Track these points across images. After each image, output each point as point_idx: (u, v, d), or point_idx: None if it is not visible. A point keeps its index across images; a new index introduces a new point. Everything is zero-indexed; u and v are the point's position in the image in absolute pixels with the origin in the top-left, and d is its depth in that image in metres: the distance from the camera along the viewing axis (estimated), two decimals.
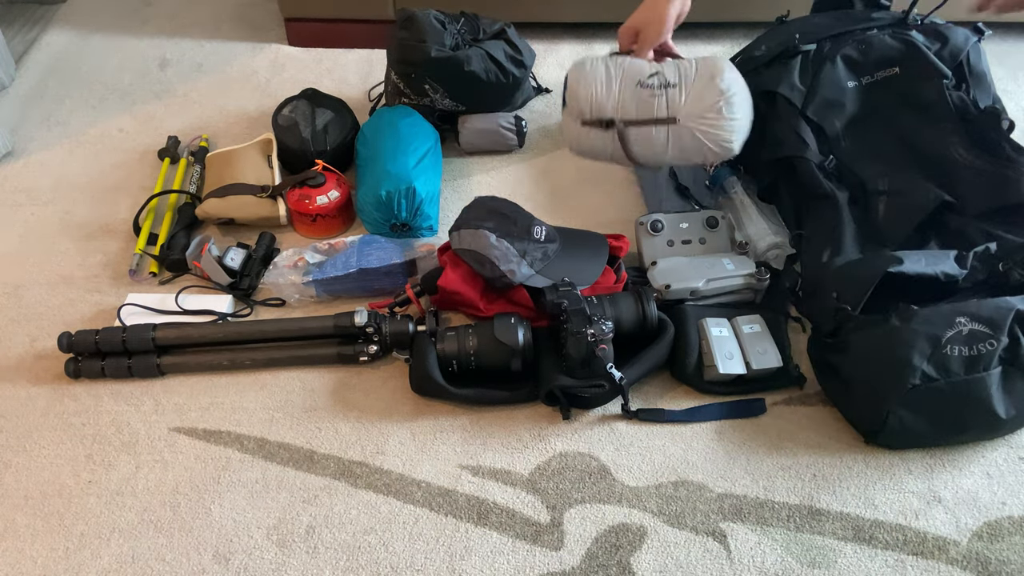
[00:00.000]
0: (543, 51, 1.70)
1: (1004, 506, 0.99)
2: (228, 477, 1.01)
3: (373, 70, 1.67)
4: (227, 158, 1.36)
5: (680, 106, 1.08)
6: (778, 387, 1.10)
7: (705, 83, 1.07)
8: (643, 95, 1.08)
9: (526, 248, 1.13)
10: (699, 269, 1.16)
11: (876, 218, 1.20)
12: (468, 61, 1.36)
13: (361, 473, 1.02)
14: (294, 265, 1.20)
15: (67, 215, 1.36)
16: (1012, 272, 1.04)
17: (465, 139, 1.45)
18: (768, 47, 1.30)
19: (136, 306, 1.17)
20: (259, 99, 1.60)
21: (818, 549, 0.94)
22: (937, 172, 1.21)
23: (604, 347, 1.01)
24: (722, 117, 1.08)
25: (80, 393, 1.10)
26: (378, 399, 1.10)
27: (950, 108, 1.22)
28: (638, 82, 1.09)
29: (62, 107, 1.59)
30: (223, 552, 0.94)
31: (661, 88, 1.07)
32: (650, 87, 1.08)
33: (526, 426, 1.07)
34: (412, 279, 1.19)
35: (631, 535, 0.96)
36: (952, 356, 0.95)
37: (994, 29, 1.37)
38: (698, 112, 1.07)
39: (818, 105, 1.24)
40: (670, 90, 1.07)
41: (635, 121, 1.10)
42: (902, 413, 0.97)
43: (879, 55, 1.24)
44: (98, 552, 0.94)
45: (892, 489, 1.00)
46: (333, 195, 1.28)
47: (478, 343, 1.06)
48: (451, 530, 0.96)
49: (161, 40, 1.78)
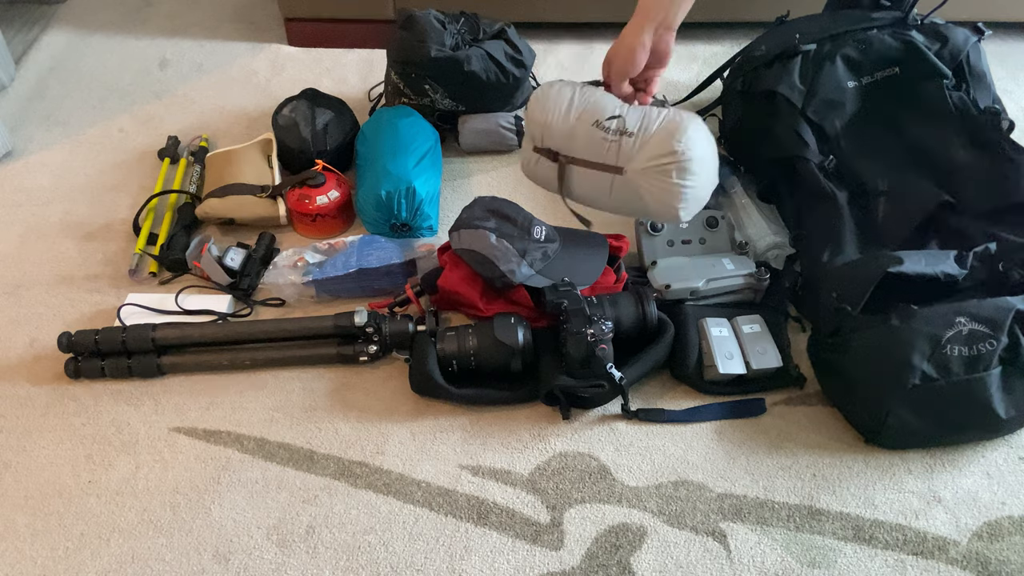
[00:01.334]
0: (543, 51, 1.70)
1: (1004, 506, 0.99)
2: (228, 477, 1.01)
3: (373, 70, 1.67)
4: (227, 158, 1.36)
5: (630, 158, 0.98)
6: (778, 387, 1.10)
7: (661, 140, 0.96)
8: (596, 136, 0.99)
9: (526, 248, 1.13)
10: (699, 269, 1.16)
11: (876, 218, 1.20)
12: (468, 61, 1.36)
13: (361, 473, 1.02)
14: (294, 265, 1.20)
15: (67, 215, 1.36)
16: (1012, 272, 1.04)
17: (465, 139, 1.45)
18: (768, 47, 1.30)
19: (136, 306, 1.17)
20: (259, 99, 1.60)
21: (818, 549, 0.94)
22: (937, 172, 1.21)
23: (604, 347, 1.01)
24: (670, 181, 0.96)
25: (80, 393, 1.10)
26: (378, 399, 1.10)
27: (950, 108, 1.22)
28: (596, 121, 0.99)
29: (62, 107, 1.59)
30: (223, 552, 0.94)
31: (616, 134, 0.98)
32: (605, 129, 0.98)
33: (526, 426, 1.07)
34: (412, 279, 1.19)
35: (631, 535, 0.96)
36: (952, 356, 0.95)
37: (994, 29, 1.37)
38: (647, 169, 0.97)
39: (818, 105, 1.24)
40: (625, 138, 0.97)
41: (581, 161, 1.01)
42: (902, 413, 0.97)
43: (879, 55, 1.24)
44: (98, 552, 0.94)
45: (892, 489, 1.00)
46: (333, 195, 1.28)
47: (478, 343, 1.06)
48: (451, 530, 0.96)
49: (161, 40, 1.78)
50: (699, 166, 0.97)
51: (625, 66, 0.98)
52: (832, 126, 1.25)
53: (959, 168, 1.19)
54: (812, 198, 1.22)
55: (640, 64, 0.98)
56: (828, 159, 1.23)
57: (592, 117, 0.99)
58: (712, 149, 1.00)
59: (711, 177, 1.00)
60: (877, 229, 1.19)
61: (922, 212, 1.17)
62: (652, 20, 0.95)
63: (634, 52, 0.97)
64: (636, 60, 0.97)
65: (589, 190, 1.04)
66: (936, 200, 1.17)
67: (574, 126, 1.00)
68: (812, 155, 1.22)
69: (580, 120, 1.00)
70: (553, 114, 1.02)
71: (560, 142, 1.02)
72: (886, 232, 1.18)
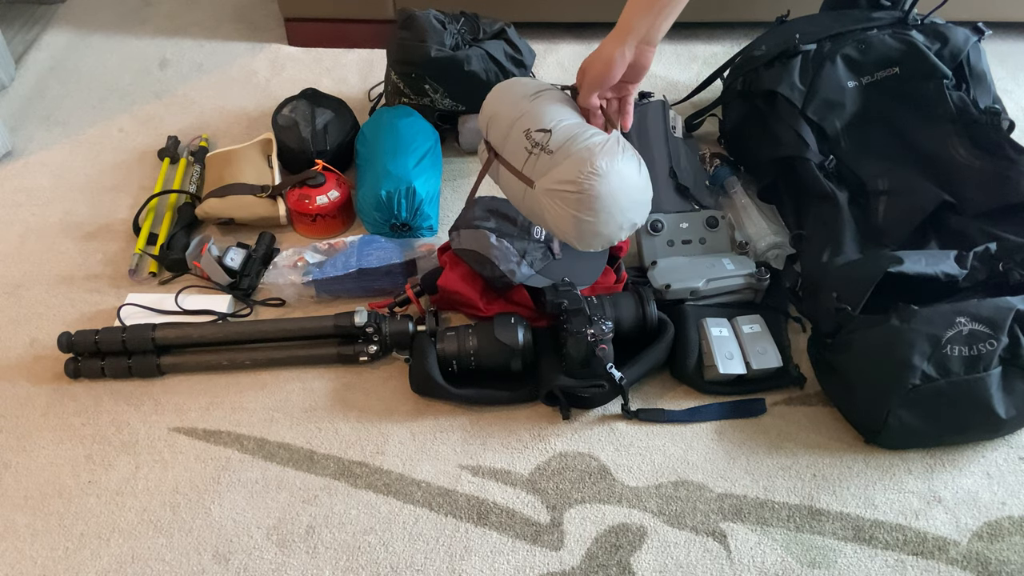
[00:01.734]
0: (543, 51, 1.70)
1: (1004, 506, 0.99)
2: (228, 477, 1.01)
3: (373, 70, 1.67)
4: (227, 158, 1.36)
5: (542, 174, 0.94)
6: (778, 387, 1.10)
7: (571, 167, 0.91)
8: (521, 143, 0.96)
9: (526, 248, 1.13)
10: (699, 269, 1.16)
11: (876, 218, 1.20)
12: (468, 61, 1.36)
13: (361, 473, 1.02)
14: (294, 265, 1.20)
15: (67, 215, 1.36)
16: (1012, 272, 1.04)
17: (465, 139, 1.45)
18: (768, 47, 1.30)
19: (136, 306, 1.17)
20: (259, 99, 1.60)
21: (818, 549, 0.94)
22: (937, 172, 1.21)
23: (604, 347, 1.01)
24: (568, 210, 0.92)
25: (80, 393, 1.10)
26: (378, 399, 1.10)
27: (950, 108, 1.22)
28: (527, 129, 0.95)
29: (62, 107, 1.59)
30: (223, 552, 0.94)
31: (537, 148, 0.94)
32: (531, 140, 0.94)
33: (526, 426, 1.07)
34: (412, 279, 1.19)
35: (631, 535, 0.96)
36: (952, 356, 0.95)
37: (994, 29, 1.37)
38: (550, 191, 0.93)
39: (818, 105, 1.24)
40: (544, 155, 0.93)
41: (505, 162, 0.99)
42: (902, 413, 0.97)
43: (879, 55, 1.24)
44: (98, 552, 0.94)
45: (892, 489, 1.00)
46: (333, 195, 1.28)
47: (478, 343, 1.06)
48: (451, 530, 0.96)
49: (161, 40, 1.77)
50: (604, 203, 0.91)
51: (600, 77, 0.94)
52: (832, 126, 1.25)
53: (959, 168, 1.19)
54: (812, 198, 1.22)
55: (616, 76, 0.94)
56: (828, 159, 1.23)
57: (527, 124, 0.96)
58: (634, 189, 0.94)
59: (622, 218, 0.94)
60: (877, 229, 1.19)
61: (922, 212, 1.17)
62: (634, 34, 0.91)
63: (612, 64, 0.92)
64: (613, 72, 0.93)
65: (509, 192, 1.03)
66: (936, 200, 1.17)
67: (511, 127, 0.97)
68: (812, 155, 1.22)
69: (517, 124, 0.97)
70: (501, 109, 1.00)
71: (497, 139, 1.00)
72: (886, 232, 1.18)
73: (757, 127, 1.30)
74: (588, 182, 0.90)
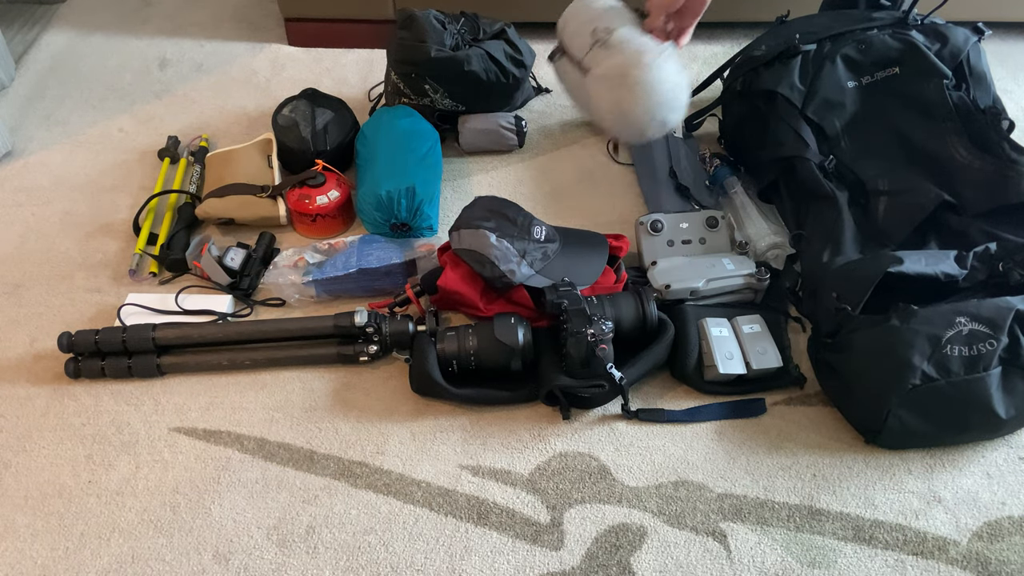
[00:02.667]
0: (543, 51, 1.69)
1: (1004, 506, 0.99)
2: (228, 477, 1.01)
3: (373, 70, 1.67)
4: (227, 158, 1.36)
5: (597, 63, 1.12)
6: (778, 387, 1.10)
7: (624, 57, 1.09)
8: (587, 38, 1.13)
9: (526, 248, 1.13)
10: (699, 269, 1.16)
11: (876, 218, 1.20)
12: (468, 61, 1.36)
13: (361, 473, 1.02)
14: (294, 265, 1.20)
15: (67, 215, 1.36)
16: (1012, 272, 1.04)
17: (465, 139, 1.45)
18: (768, 47, 1.30)
19: (136, 306, 1.17)
20: (259, 99, 1.60)
21: (818, 549, 0.94)
22: (937, 172, 1.21)
23: (604, 347, 1.01)
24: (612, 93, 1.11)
25: (80, 393, 1.10)
26: (378, 399, 1.10)
27: (950, 108, 1.22)
28: (595, 28, 1.13)
29: (62, 107, 1.59)
30: (223, 552, 0.94)
31: (599, 43, 1.11)
32: (595, 36, 1.12)
33: (526, 426, 1.07)
34: (412, 279, 1.19)
35: (631, 535, 0.96)
36: (952, 356, 0.95)
37: (994, 29, 1.37)
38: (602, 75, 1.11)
39: (818, 105, 1.24)
40: (602, 49, 1.11)
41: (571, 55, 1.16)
42: (902, 413, 0.97)
43: (879, 55, 1.24)
44: (98, 552, 0.94)
45: (892, 489, 1.00)
46: (333, 195, 1.28)
47: (478, 343, 1.06)
48: (451, 530, 0.96)
49: (161, 40, 1.78)
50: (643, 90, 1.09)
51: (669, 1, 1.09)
52: (832, 126, 1.25)
53: (959, 168, 1.19)
54: (812, 198, 1.22)
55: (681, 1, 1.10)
56: (828, 159, 1.23)
57: (595, 23, 1.13)
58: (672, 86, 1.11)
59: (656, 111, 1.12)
60: (877, 229, 1.19)
61: (922, 212, 1.17)
62: None
63: None
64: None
65: (567, 81, 1.22)
66: (936, 200, 1.17)
67: (581, 25, 1.15)
68: (812, 155, 1.22)
69: (587, 24, 1.14)
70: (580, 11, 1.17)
71: (567, 39, 1.18)
72: (886, 232, 1.18)
73: (757, 127, 1.30)
74: (634, 71, 1.08)
